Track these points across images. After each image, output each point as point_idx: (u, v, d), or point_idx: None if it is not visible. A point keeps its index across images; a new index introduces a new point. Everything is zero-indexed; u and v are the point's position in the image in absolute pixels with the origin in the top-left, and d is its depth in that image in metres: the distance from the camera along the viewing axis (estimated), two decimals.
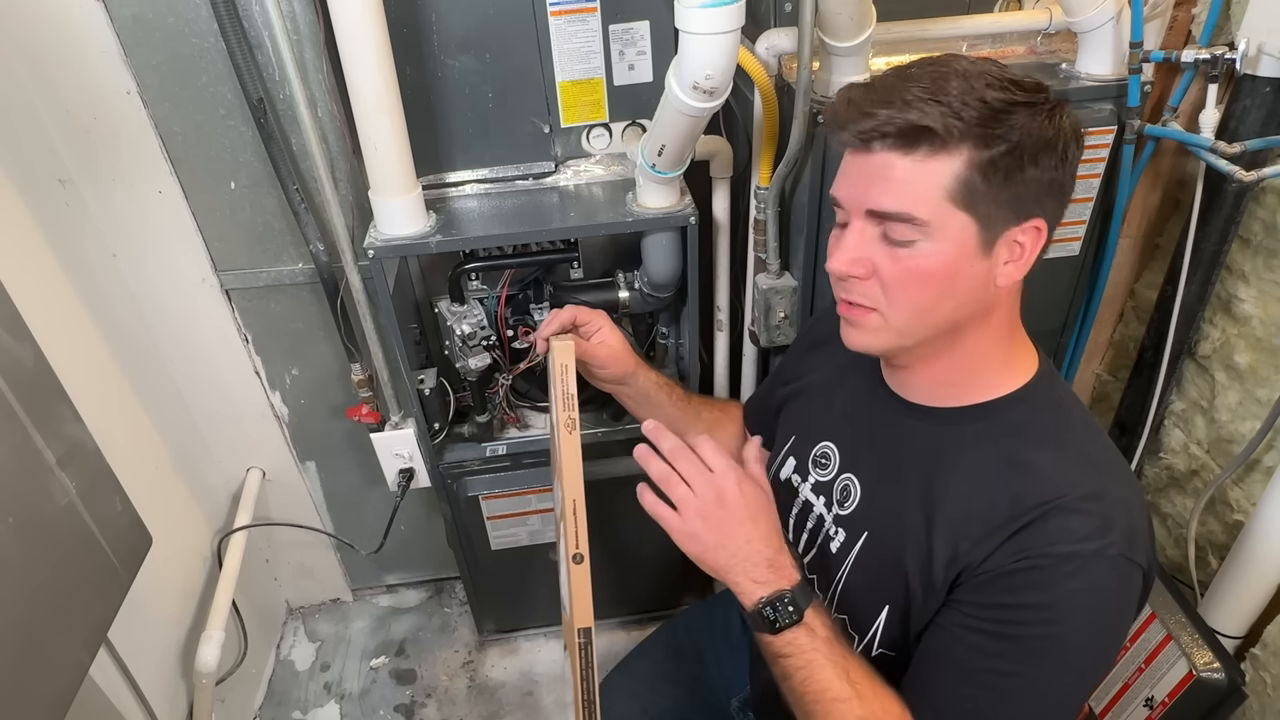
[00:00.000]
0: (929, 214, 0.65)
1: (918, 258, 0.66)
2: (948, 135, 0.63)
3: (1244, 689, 1.11)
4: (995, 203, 0.65)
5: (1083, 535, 0.66)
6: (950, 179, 0.64)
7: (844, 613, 0.82)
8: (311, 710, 1.66)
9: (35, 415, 0.76)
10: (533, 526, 1.47)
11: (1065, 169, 0.66)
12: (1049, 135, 0.64)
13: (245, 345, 1.43)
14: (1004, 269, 0.68)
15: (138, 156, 1.20)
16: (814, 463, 0.89)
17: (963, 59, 0.66)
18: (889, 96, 0.64)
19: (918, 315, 0.70)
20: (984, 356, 0.74)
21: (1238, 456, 1.19)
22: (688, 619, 1.21)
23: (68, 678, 0.80)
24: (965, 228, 0.65)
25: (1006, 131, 0.63)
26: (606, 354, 1.01)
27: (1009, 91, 0.63)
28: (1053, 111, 0.65)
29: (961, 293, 0.68)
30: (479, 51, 1.12)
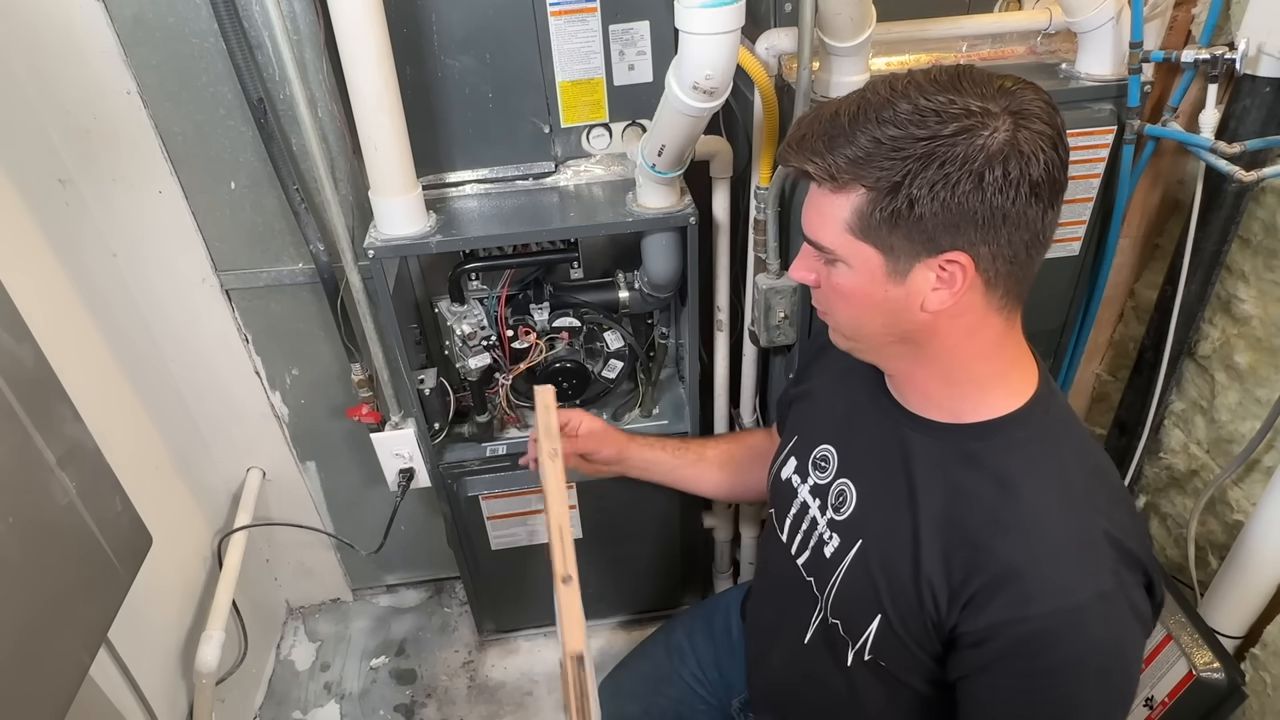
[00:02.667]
0: (832, 243, 0.69)
1: (836, 277, 0.72)
2: (830, 180, 0.66)
3: (1244, 689, 1.11)
4: (893, 232, 0.66)
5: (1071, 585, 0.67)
6: (848, 213, 0.67)
7: (838, 617, 0.82)
8: (311, 710, 1.66)
9: (35, 415, 0.76)
10: (533, 526, 1.47)
11: (988, 196, 0.63)
12: (956, 168, 0.62)
13: (245, 345, 1.43)
14: (933, 295, 0.68)
15: (138, 156, 1.20)
16: (814, 465, 0.89)
17: (904, 81, 0.65)
18: (801, 138, 0.68)
19: (852, 327, 0.76)
20: (962, 371, 0.74)
21: (1238, 456, 1.19)
22: (687, 620, 1.22)
23: (68, 678, 0.80)
24: (870, 257, 0.68)
25: (892, 167, 0.63)
26: (595, 439, 1.08)
27: (909, 127, 0.63)
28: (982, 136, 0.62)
29: (885, 313, 0.71)
30: (479, 51, 1.12)
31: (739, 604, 1.17)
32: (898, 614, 0.76)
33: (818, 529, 0.86)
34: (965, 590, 0.70)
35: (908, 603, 0.75)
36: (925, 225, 0.65)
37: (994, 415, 0.74)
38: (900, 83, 0.65)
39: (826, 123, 0.66)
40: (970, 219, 0.64)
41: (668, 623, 1.24)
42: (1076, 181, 1.13)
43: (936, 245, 0.66)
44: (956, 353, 0.73)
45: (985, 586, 0.69)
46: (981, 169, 0.62)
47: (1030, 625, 0.67)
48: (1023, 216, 0.65)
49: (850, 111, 0.65)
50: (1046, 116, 0.64)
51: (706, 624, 1.19)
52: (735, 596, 1.19)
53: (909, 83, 0.65)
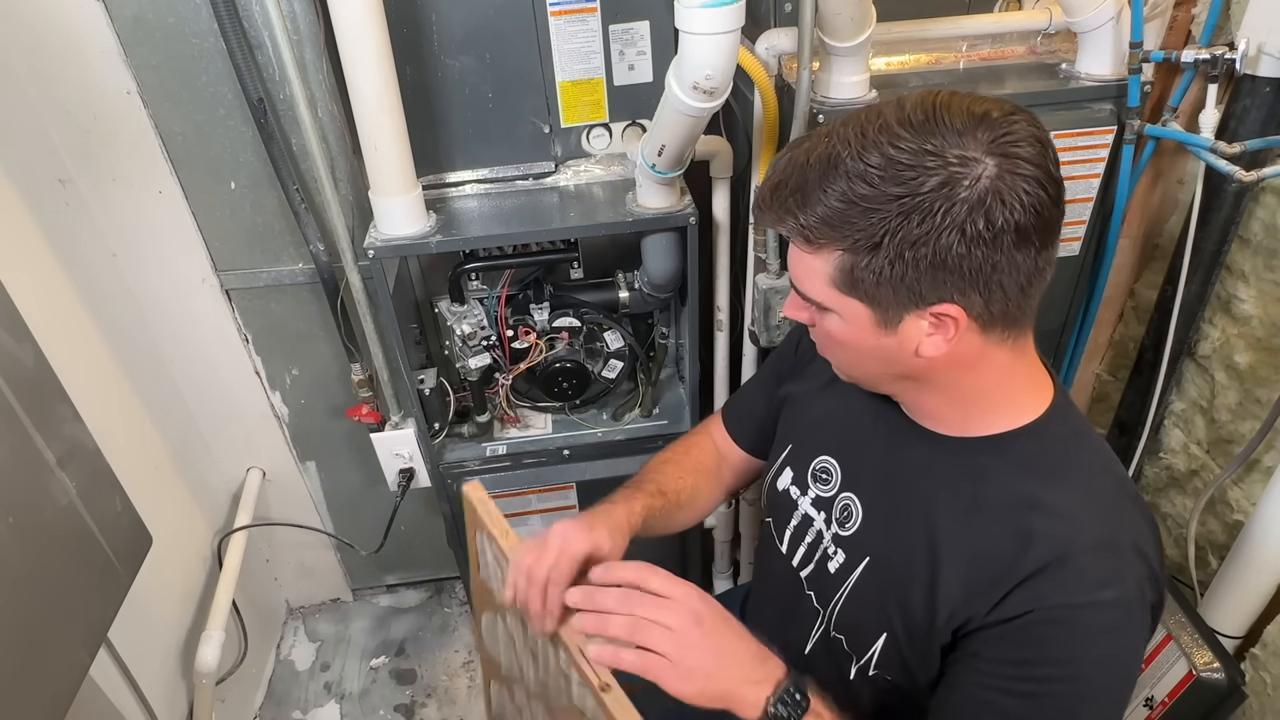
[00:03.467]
0: (820, 296, 0.68)
1: (828, 324, 0.70)
2: (810, 239, 0.64)
3: (1244, 689, 1.11)
4: (878, 288, 0.64)
5: (1098, 583, 0.65)
6: (831, 269, 0.65)
7: (841, 633, 0.80)
8: (311, 710, 1.66)
9: (35, 415, 0.76)
10: (533, 526, 1.47)
11: (973, 250, 0.60)
12: (937, 224, 0.59)
13: (245, 345, 1.43)
14: (927, 341, 0.66)
15: (138, 156, 1.20)
16: (814, 477, 0.86)
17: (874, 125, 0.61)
18: (774, 199, 0.65)
19: (850, 367, 0.76)
20: (971, 397, 0.72)
21: (1238, 456, 1.19)
22: None
23: (68, 678, 0.80)
24: (857, 309, 0.66)
25: (869, 226, 0.61)
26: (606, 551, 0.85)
27: (880, 183, 0.60)
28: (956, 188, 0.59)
29: (881, 359, 0.70)
30: (479, 51, 1.12)
31: (739, 606, 1.16)
32: (906, 634, 0.73)
33: (822, 543, 0.83)
34: (987, 602, 0.68)
35: (918, 624, 0.72)
36: (909, 281, 0.62)
37: (1006, 429, 0.72)
38: (871, 127, 0.61)
39: (797, 173, 0.64)
40: (957, 272, 0.61)
41: None
42: (1076, 181, 1.13)
43: (924, 299, 0.63)
44: (962, 384, 0.71)
45: (1010, 591, 0.67)
46: (963, 223, 0.59)
47: (1043, 613, 0.65)
48: (1012, 262, 0.62)
49: (820, 162, 0.62)
50: (1033, 151, 0.60)
51: None
52: (735, 599, 1.18)
53: (880, 126, 0.61)
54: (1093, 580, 0.65)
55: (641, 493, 0.94)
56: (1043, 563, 0.65)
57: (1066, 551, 0.65)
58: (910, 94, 0.63)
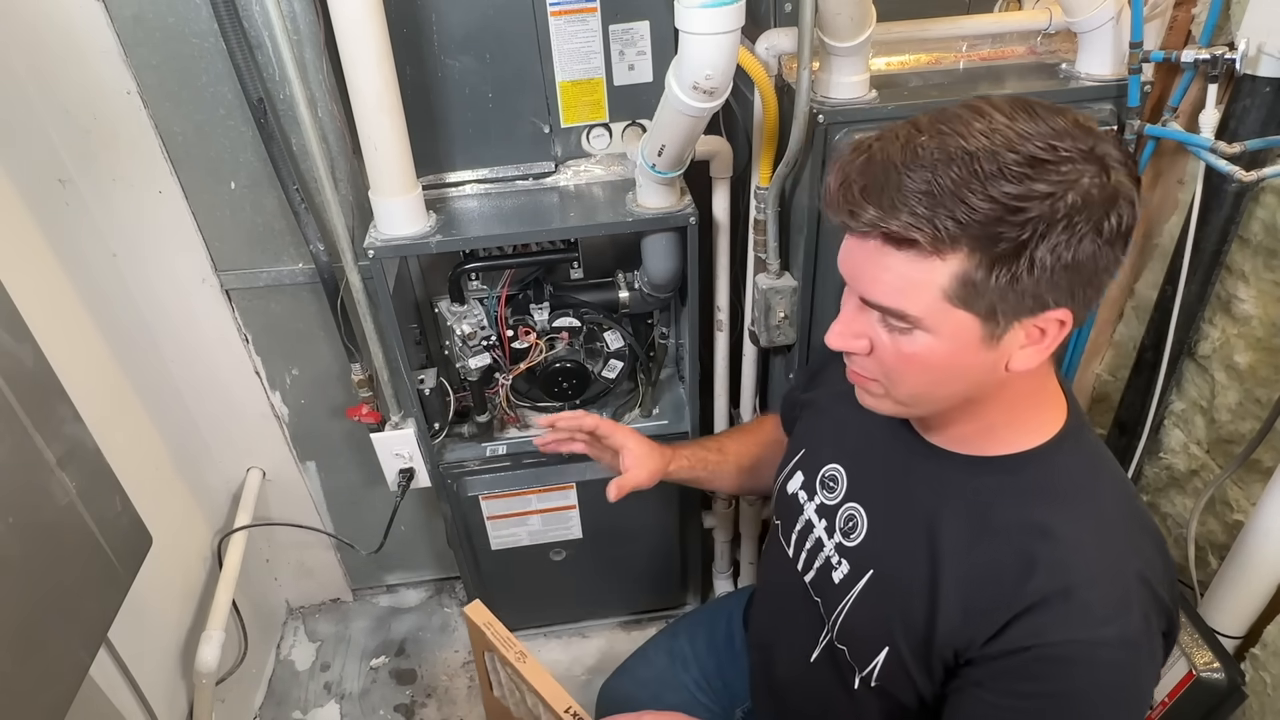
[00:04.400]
0: (922, 312, 0.61)
1: (915, 345, 0.63)
2: (939, 245, 0.57)
3: (1244, 689, 1.11)
4: (1002, 299, 0.59)
5: (1101, 619, 0.63)
6: (947, 280, 0.59)
7: (844, 644, 0.80)
8: (311, 710, 1.66)
9: (35, 415, 0.76)
10: (533, 526, 1.47)
11: (1103, 250, 0.58)
12: (1079, 217, 0.56)
13: (245, 345, 1.43)
14: (1020, 354, 0.63)
15: (138, 156, 1.20)
16: (821, 483, 0.86)
17: (985, 120, 0.57)
18: (881, 189, 0.58)
19: (921, 394, 0.69)
20: (1003, 417, 0.70)
21: (1238, 456, 1.19)
22: (689, 625, 1.20)
23: (68, 678, 0.80)
24: (966, 324, 0.61)
25: (1014, 231, 0.56)
26: (636, 470, 1.00)
27: (1026, 180, 0.55)
28: (1093, 181, 0.56)
29: (966, 379, 0.65)
30: (479, 51, 1.12)
31: (741, 610, 1.16)
32: (909, 648, 0.72)
33: (824, 551, 0.83)
34: (987, 628, 0.66)
35: (919, 640, 0.71)
36: (1041, 287, 0.58)
37: (1018, 449, 0.70)
38: (983, 124, 0.57)
39: (928, 170, 0.57)
40: (1085, 275, 0.58)
41: (669, 627, 1.23)
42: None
43: (1044, 304, 0.60)
44: (1011, 399, 0.68)
45: (1011, 620, 0.65)
46: (1099, 220, 0.56)
47: (1047, 649, 0.64)
48: (1118, 264, 0.60)
49: (950, 159, 0.56)
50: (1118, 153, 0.58)
51: (709, 630, 1.17)
52: (738, 602, 1.18)
53: (993, 127, 0.57)
54: (1097, 616, 0.63)
55: (700, 446, 1.08)
56: (1045, 594, 0.64)
57: (1070, 584, 0.64)
58: (995, 96, 0.60)
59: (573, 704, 0.76)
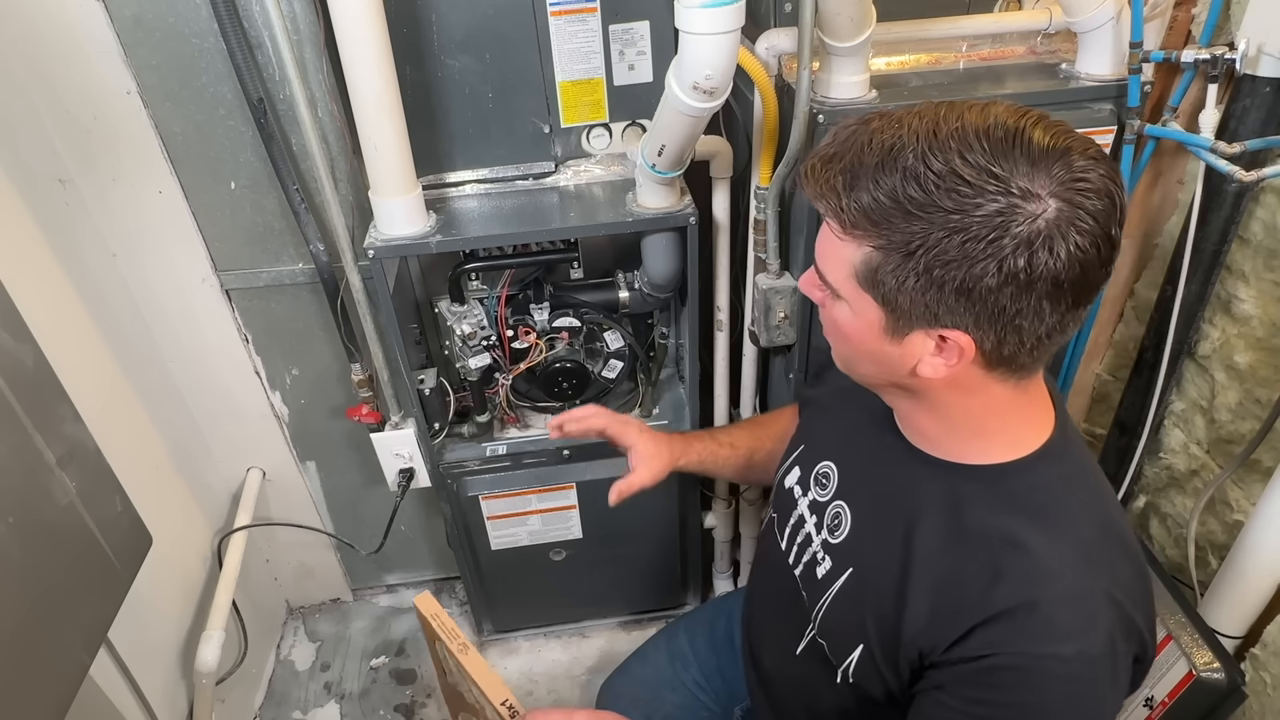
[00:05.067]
0: (837, 283, 0.65)
1: (836, 312, 0.68)
2: (841, 227, 0.61)
3: (1244, 689, 1.11)
4: (898, 294, 0.61)
5: (1062, 634, 0.63)
6: (857, 261, 0.62)
7: (824, 639, 0.81)
8: (311, 710, 1.66)
9: (35, 415, 0.76)
10: (533, 526, 1.47)
11: (1007, 289, 0.57)
12: (980, 250, 0.56)
13: (245, 345, 1.43)
14: (929, 361, 0.64)
15: (138, 156, 1.20)
16: (815, 480, 0.87)
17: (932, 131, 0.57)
18: (823, 172, 0.62)
19: (846, 362, 0.74)
20: (962, 423, 0.70)
21: (1238, 456, 1.19)
22: (689, 625, 1.21)
23: (68, 678, 0.80)
24: (870, 309, 0.64)
25: (909, 234, 0.57)
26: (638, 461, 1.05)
27: (933, 189, 0.56)
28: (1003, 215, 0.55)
29: (878, 362, 0.68)
30: (479, 51, 1.12)
31: (741, 609, 1.16)
32: (879, 647, 0.74)
33: (812, 546, 0.84)
34: (951, 633, 0.67)
35: (889, 640, 0.72)
36: (930, 298, 0.60)
37: (997, 460, 0.70)
38: (946, 127, 0.57)
39: (854, 152, 0.60)
40: (980, 304, 0.59)
41: (669, 626, 1.24)
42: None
43: (938, 320, 0.61)
44: (952, 406, 0.69)
45: (974, 627, 0.66)
46: (1004, 259, 0.56)
47: (1005, 659, 0.64)
48: (1038, 311, 0.59)
49: (881, 149, 0.58)
50: (1100, 206, 0.56)
51: (709, 629, 1.18)
52: (737, 601, 1.18)
53: (956, 131, 0.57)
54: (1058, 631, 0.63)
55: (713, 440, 1.11)
56: (1010, 605, 0.65)
57: (1036, 598, 0.64)
58: (1000, 105, 0.59)
59: (509, 697, 0.78)
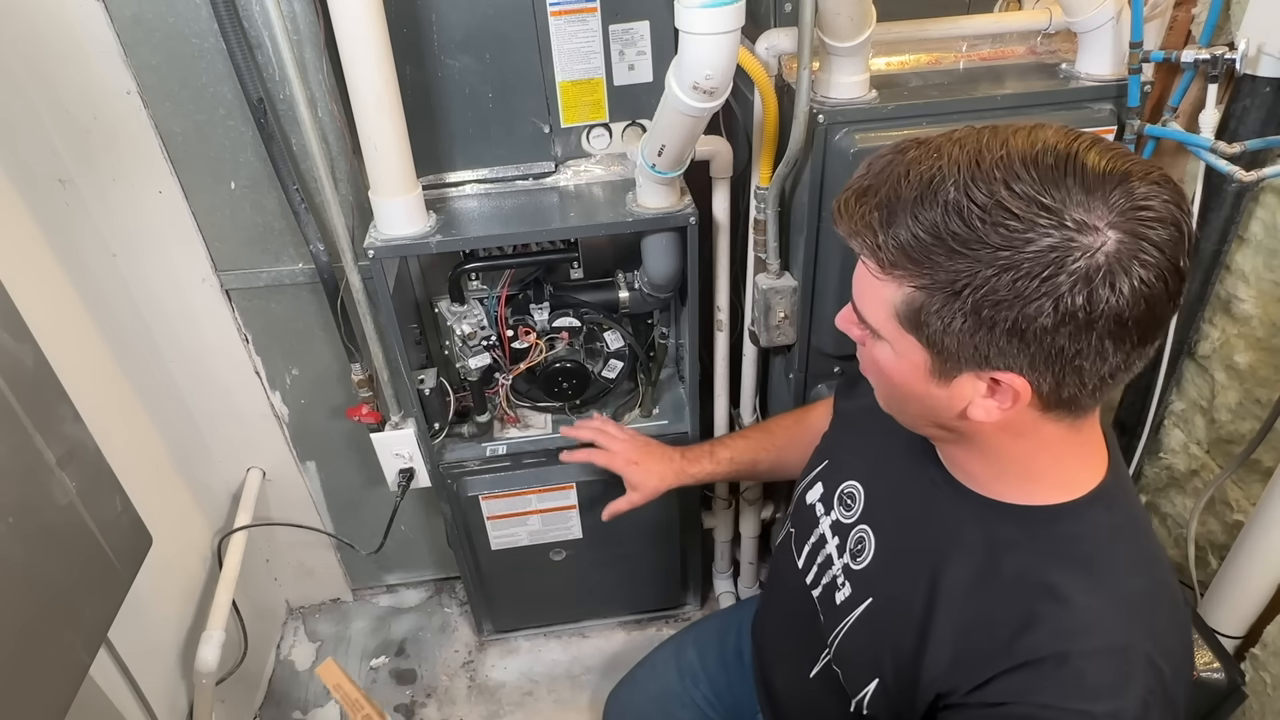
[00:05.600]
0: (878, 324, 0.61)
1: (878, 352, 0.64)
2: (879, 266, 0.57)
3: (1244, 689, 1.11)
4: (948, 339, 0.57)
5: (1092, 691, 0.59)
6: (898, 301, 0.58)
7: (839, 667, 0.78)
8: (311, 710, 1.66)
9: (35, 415, 0.76)
10: (533, 526, 1.47)
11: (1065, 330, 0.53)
12: (1033, 289, 0.52)
13: (245, 345, 1.43)
14: (981, 403, 0.60)
15: (138, 156, 1.20)
16: (839, 499, 0.84)
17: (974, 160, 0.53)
18: (856, 206, 0.58)
19: (888, 403, 0.70)
20: (1010, 464, 0.66)
21: (1238, 456, 1.19)
22: (698, 637, 1.19)
23: (68, 678, 0.80)
24: (915, 351, 0.60)
25: (953, 274, 0.53)
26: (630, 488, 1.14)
27: (988, 227, 0.51)
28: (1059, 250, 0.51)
29: (924, 405, 0.64)
30: (479, 51, 1.12)
31: (750, 622, 1.15)
32: (895, 683, 0.71)
33: (832, 569, 0.81)
34: (974, 678, 0.64)
35: (905, 677, 0.69)
36: (979, 340, 0.55)
37: (1044, 502, 0.66)
38: (990, 155, 0.53)
39: (890, 185, 0.55)
40: (1036, 345, 0.54)
41: (677, 637, 1.22)
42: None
43: (989, 362, 0.57)
44: (1002, 448, 0.65)
45: (999, 674, 0.62)
46: (1062, 296, 0.51)
47: (1027, 710, 0.60)
48: (1100, 352, 0.54)
49: (919, 181, 0.54)
50: (1166, 236, 0.51)
51: (718, 643, 1.16)
52: (746, 614, 1.16)
53: (1001, 159, 0.52)
54: (1089, 687, 0.59)
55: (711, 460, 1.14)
56: (1040, 655, 0.61)
57: (1069, 650, 0.60)
58: (1049, 128, 0.54)
59: None
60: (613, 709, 1.19)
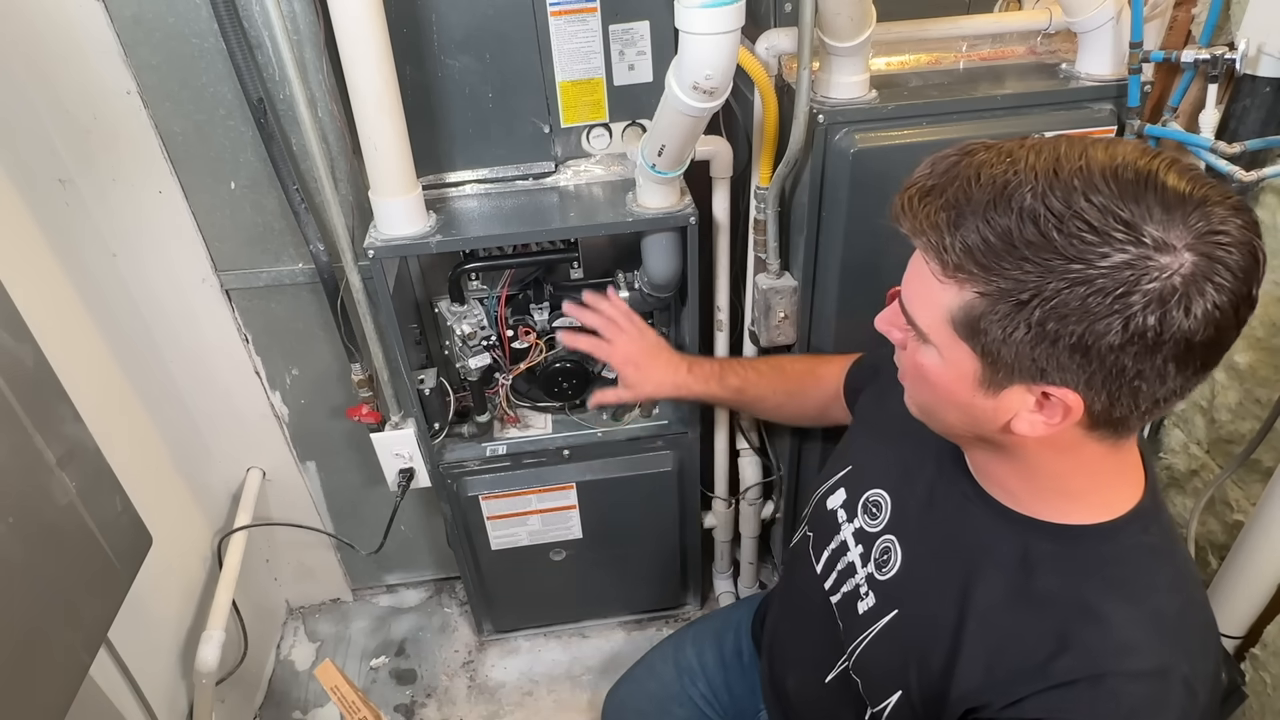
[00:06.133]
0: (928, 328, 0.60)
1: (925, 357, 0.62)
2: (942, 268, 0.56)
3: (1244, 689, 1.11)
4: (1004, 349, 0.55)
5: (1129, 712, 0.59)
6: (955, 307, 0.56)
7: (859, 676, 0.78)
8: (311, 710, 1.66)
9: (35, 415, 0.76)
10: (533, 526, 1.47)
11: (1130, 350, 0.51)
12: (1102, 306, 0.50)
13: (245, 345, 1.43)
14: (1024, 417, 0.59)
15: (138, 156, 1.20)
16: (864, 507, 0.82)
17: (1053, 166, 0.52)
18: (920, 205, 0.56)
19: (925, 409, 0.68)
20: (1048, 480, 0.65)
21: (1238, 456, 1.19)
22: (696, 637, 1.19)
23: (68, 678, 0.80)
24: (965, 359, 0.58)
25: (1021, 283, 0.52)
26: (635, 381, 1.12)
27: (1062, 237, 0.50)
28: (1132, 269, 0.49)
29: (966, 414, 0.62)
30: (479, 51, 1.12)
31: (749, 622, 1.15)
32: (921, 697, 0.70)
33: (855, 577, 0.80)
34: (1006, 696, 0.63)
35: (932, 691, 0.68)
36: (1040, 353, 0.54)
37: (1082, 521, 0.65)
38: (1069, 165, 0.52)
39: (959, 186, 0.54)
40: (1100, 363, 0.53)
41: (676, 635, 1.22)
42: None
43: (1045, 376, 0.55)
44: (1043, 465, 0.64)
45: (1033, 694, 0.61)
46: (1134, 315, 0.50)
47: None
48: (1161, 375, 0.53)
49: (992, 184, 0.53)
50: (1241, 261, 0.50)
51: (716, 643, 1.16)
52: (745, 614, 1.16)
53: (1079, 169, 0.51)
54: (1124, 708, 0.59)
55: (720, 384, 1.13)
56: (1075, 675, 0.60)
57: (1105, 670, 0.60)
58: (1127, 143, 0.54)
59: None
60: (610, 707, 1.19)
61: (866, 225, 1.11)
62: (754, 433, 1.50)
